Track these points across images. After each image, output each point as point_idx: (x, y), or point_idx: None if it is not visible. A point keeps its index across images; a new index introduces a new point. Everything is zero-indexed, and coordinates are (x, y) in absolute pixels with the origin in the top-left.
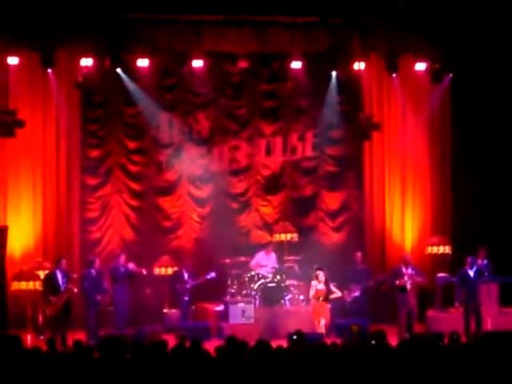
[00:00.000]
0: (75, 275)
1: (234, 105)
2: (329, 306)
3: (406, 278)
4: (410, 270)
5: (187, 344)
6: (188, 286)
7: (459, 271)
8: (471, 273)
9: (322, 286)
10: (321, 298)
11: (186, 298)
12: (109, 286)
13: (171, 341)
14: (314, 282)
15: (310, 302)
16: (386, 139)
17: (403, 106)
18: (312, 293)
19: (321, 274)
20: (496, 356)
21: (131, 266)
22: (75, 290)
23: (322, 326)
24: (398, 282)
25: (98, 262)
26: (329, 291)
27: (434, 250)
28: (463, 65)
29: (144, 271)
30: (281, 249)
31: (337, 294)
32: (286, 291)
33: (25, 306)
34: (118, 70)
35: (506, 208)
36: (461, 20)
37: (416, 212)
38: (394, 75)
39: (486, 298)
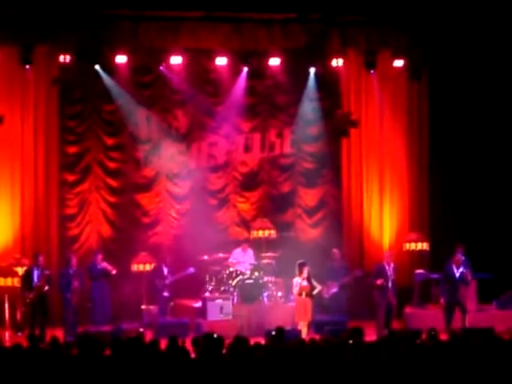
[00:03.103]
0: (47, 272)
1: (212, 101)
2: (312, 301)
3: (388, 276)
4: (391, 269)
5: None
6: (167, 281)
7: (444, 267)
8: (457, 272)
9: (305, 282)
10: (304, 293)
11: (166, 294)
12: (84, 283)
13: (149, 337)
14: (296, 279)
15: (295, 299)
16: (364, 136)
17: (381, 102)
18: (296, 289)
19: (305, 270)
20: (473, 353)
21: (104, 264)
22: (46, 287)
23: (304, 331)
24: (378, 281)
25: (74, 260)
26: (312, 287)
27: (412, 246)
28: (441, 61)
29: (114, 271)
30: (258, 245)
31: (318, 288)
32: (264, 288)
33: (3, 302)
34: (97, 67)
35: (484, 205)
36: (439, 16)
37: (394, 209)
38: (372, 72)
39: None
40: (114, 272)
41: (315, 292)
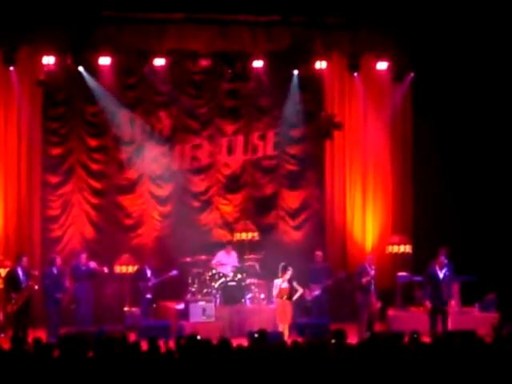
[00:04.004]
0: (36, 272)
1: (196, 103)
2: (292, 304)
3: (370, 277)
4: (372, 272)
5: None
6: (150, 283)
7: (427, 270)
8: (440, 274)
9: (285, 285)
10: (284, 297)
11: (149, 296)
12: (70, 284)
13: (131, 339)
14: (277, 281)
15: (275, 301)
16: (348, 138)
17: (365, 104)
18: (275, 291)
19: (288, 272)
20: (455, 355)
21: (92, 264)
22: (36, 287)
23: (285, 333)
24: (364, 279)
25: (59, 260)
26: (292, 290)
27: (395, 249)
28: (424, 63)
29: (105, 270)
30: (242, 247)
31: (299, 291)
32: (246, 290)
33: None
34: (80, 68)
35: (467, 207)
36: (422, 19)
37: (377, 211)
38: (356, 74)
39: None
40: (106, 271)
41: (297, 296)
